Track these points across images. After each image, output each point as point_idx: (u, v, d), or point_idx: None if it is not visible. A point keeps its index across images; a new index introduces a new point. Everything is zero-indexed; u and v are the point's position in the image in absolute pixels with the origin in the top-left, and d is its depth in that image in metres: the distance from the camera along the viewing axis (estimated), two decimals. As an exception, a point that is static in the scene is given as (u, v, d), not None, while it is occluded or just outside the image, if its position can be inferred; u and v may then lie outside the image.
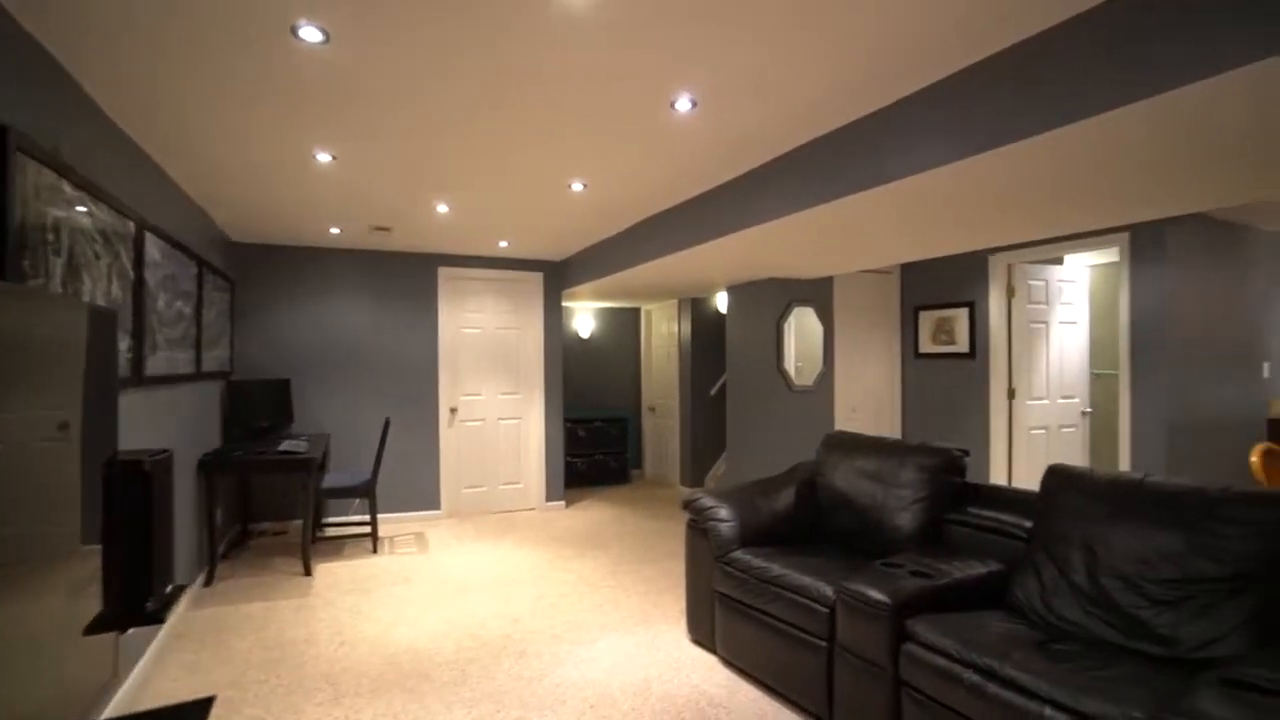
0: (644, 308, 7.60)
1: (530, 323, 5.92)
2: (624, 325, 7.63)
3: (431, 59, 2.01)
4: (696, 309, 6.53)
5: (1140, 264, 3.98)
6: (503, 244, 5.14)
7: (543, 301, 5.95)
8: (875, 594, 2.10)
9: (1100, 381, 5.44)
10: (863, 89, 2.23)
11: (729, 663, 2.82)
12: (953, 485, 2.73)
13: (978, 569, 2.31)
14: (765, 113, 2.43)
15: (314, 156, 2.92)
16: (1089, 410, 5.08)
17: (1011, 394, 4.75)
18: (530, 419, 5.91)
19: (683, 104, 2.31)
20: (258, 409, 4.66)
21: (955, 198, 2.59)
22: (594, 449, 6.91)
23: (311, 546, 4.55)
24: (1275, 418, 4.76)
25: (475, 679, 2.71)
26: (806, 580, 2.43)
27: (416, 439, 5.47)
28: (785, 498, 3.04)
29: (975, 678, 1.82)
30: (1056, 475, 2.34)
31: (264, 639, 3.10)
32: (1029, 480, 4.62)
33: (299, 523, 5.03)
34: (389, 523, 5.35)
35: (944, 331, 5.11)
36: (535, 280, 5.92)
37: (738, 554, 2.77)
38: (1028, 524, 2.44)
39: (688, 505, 3.04)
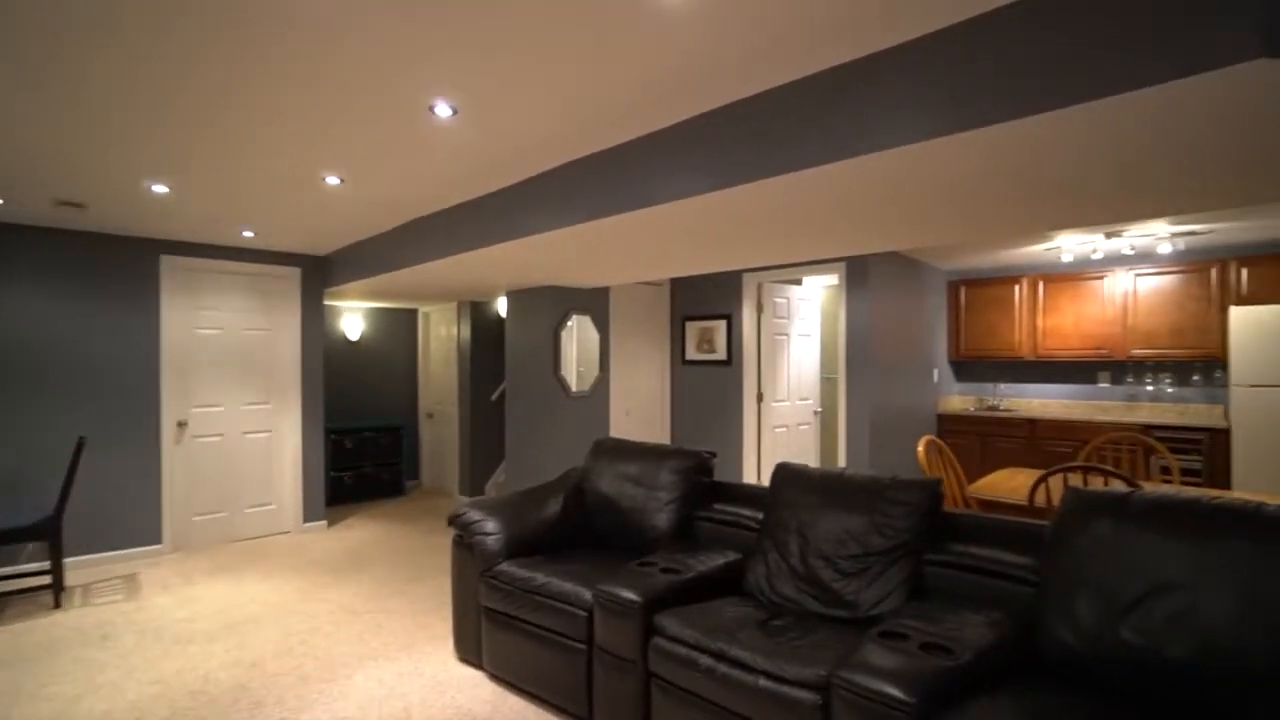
0: (422, 309, 7.20)
1: (285, 323, 5.26)
2: (399, 327, 7.15)
3: (108, 5, 1.68)
4: (477, 312, 6.37)
5: (853, 288, 4.79)
6: (247, 233, 4.49)
7: (300, 300, 5.31)
8: (627, 594, 2.23)
9: (829, 384, 6.43)
10: (620, 118, 2.36)
11: (496, 677, 2.78)
12: (702, 485, 3.02)
13: (719, 560, 2.57)
14: (528, 128, 2.45)
15: (-48, 109, 2.27)
16: (820, 410, 5.98)
17: (760, 397, 5.41)
18: (284, 431, 5.25)
19: (442, 109, 2.23)
20: None
21: (709, 224, 2.87)
22: (363, 461, 6.37)
23: (-42, 608, 3.53)
24: (941, 414, 6.10)
25: (193, 744, 2.33)
26: (568, 586, 2.50)
27: (129, 461, 4.53)
28: (554, 505, 3.10)
29: (709, 661, 2.02)
30: (781, 471, 2.71)
31: None
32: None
33: (-60, 578, 3.86)
34: (86, 566, 4.36)
35: (706, 341, 5.64)
36: (291, 276, 5.27)
37: (503, 566, 2.75)
38: (761, 516, 2.79)
39: (453, 520, 2.94)
